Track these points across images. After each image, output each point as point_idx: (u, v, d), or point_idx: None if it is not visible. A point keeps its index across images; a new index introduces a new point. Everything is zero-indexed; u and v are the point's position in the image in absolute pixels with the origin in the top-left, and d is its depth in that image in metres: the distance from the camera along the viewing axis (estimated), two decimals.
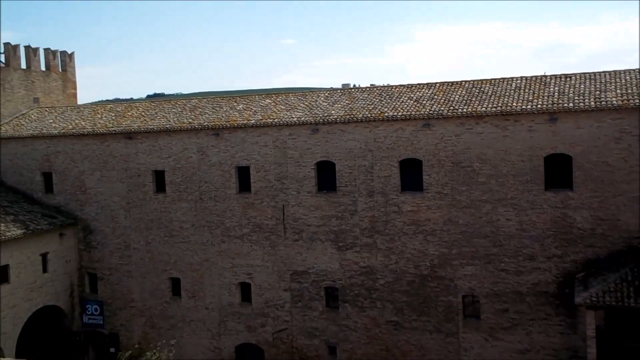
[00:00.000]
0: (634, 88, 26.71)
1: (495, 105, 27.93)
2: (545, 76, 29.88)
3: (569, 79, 28.99)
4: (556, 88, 28.32)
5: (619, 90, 26.80)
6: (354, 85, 54.59)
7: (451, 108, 28.63)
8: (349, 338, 31.11)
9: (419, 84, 32.21)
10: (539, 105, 27.07)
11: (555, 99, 27.30)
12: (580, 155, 26.42)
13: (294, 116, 31.56)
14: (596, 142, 26.14)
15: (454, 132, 28.36)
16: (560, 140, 26.71)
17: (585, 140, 26.30)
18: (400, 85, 32.77)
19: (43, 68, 42.41)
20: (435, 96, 30.26)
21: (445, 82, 31.61)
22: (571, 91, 27.71)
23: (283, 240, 31.87)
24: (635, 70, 28.52)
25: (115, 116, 37.00)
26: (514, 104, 27.61)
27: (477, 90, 29.85)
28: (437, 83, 31.80)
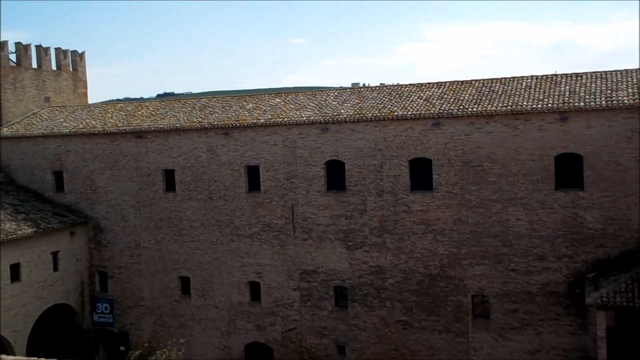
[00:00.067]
0: None
1: (505, 104, 27.82)
2: (556, 75, 29.72)
3: (580, 78, 28.82)
4: (567, 87, 28.18)
5: (630, 90, 26.62)
6: (364, 84, 54.55)
7: (461, 107, 28.55)
8: (358, 337, 31.09)
9: (429, 83, 32.13)
10: (550, 105, 26.94)
11: (566, 98, 27.16)
12: (591, 154, 26.28)
13: (303, 115, 31.57)
14: (607, 142, 25.99)
15: (464, 132, 28.28)
16: (571, 139, 26.58)
17: (596, 140, 26.15)
18: (410, 85, 32.68)
19: (54, 67, 42.60)
20: (445, 95, 30.18)
21: (455, 81, 31.51)
22: (582, 90, 27.55)
23: (292, 240, 31.89)
24: None
25: (126, 115, 37.16)
26: (525, 103, 27.48)
27: (487, 90, 29.74)
28: (447, 82, 31.71)
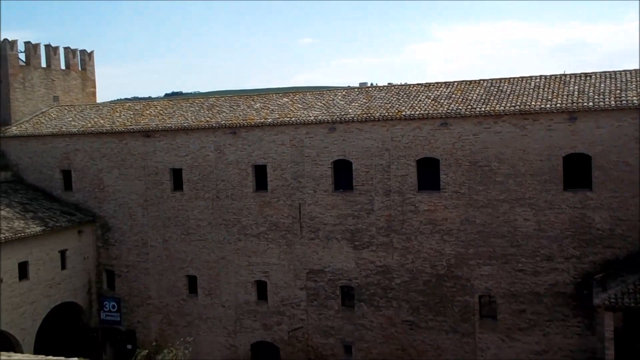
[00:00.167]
0: None
1: (513, 104, 27.73)
2: (565, 75, 29.60)
3: (588, 78, 28.70)
4: (576, 87, 28.06)
5: (639, 90, 26.49)
6: (372, 84, 54.48)
7: (469, 107, 28.47)
8: (365, 337, 31.06)
9: (437, 83, 32.07)
10: (558, 105, 26.83)
11: (575, 98, 27.05)
12: (600, 154, 26.16)
13: (311, 115, 31.57)
14: (616, 142, 25.86)
15: (472, 131, 28.20)
16: (579, 139, 26.46)
17: (605, 140, 26.03)
18: (418, 84, 32.62)
19: (63, 67, 42.78)
20: (453, 95, 30.11)
21: (464, 81, 31.44)
22: (591, 90, 27.43)
23: (299, 239, 31.89)
24: None
25: (134, 114, 37.26)
26: (533, 103, 27.39)
27: (496, 89, 29.65)
28: (455, 82, 31.64)
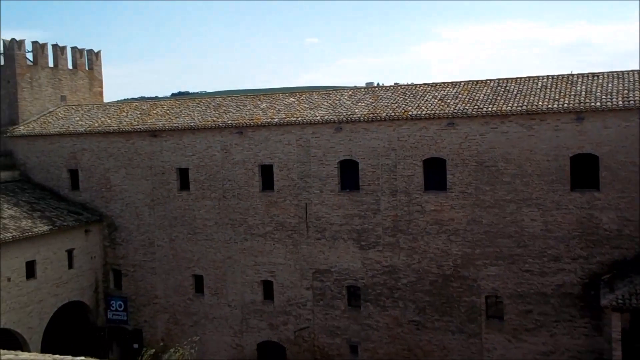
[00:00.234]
0: None
1: (520, 104, 27.65)
2: (572, 75, 29.49)
3: (596, 78, 28.58)
4: (583, 87, 27.96)
5: None
6: (378, 84, 54.49)
7: (476, 107, 28.41)
8: (371, 337, 31.04)
9: (444, 83, 32.01)
10: (566, 105, 26.74)
11: (582, 98, 26.95)
12: (607, 155, 26.06)
13: (317, 115, 31.57)
14: (623, 142, 25.76)
15: (479, 131, 28.15)
16: (586, 139, 26.37)
17: (612, 140, 25.93)
18: (425, 84, 32.57)
19: (70, 66, 42.92)
20: (460, 95, 30.05)
21: (470, 81, 31.37)
22: (598, 90, 27.33)
23: (305, 239, 31.90)
24: None
25: (141, 114, 37.35)
26: (540, 103, 27.30)
27: (502, 89, 29.57)
28: (462, 82, 31.57)
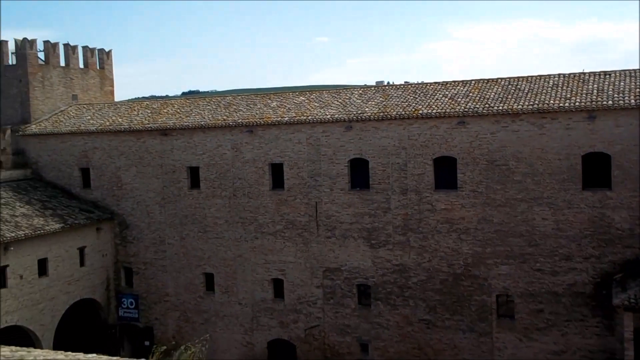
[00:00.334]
0: None
1: (532, 102, 27.55)
2: (584, 73, 29.31)
3: (608, 76, 28.42)
4: (595, 85, 27.81)
5: None
6: (388, 82, 54.43)
7: (486, 106, 28.33)
8: (381, 336, 31.05)
9: (454, 82, 31.92)
10: (577, 103, 26.61)
11: (594, 97, 26.81)
12: (619, 153, 25.91)
13: (327, 113, 31.58)
14: (636, 141, 25.58)
15: (489, 130, 28.07)
16: (598, 138, 26.23)
17: (624, 139, 25.77)
18: (435, 83, 32.49)
19: (81, 66, 43.14)
20: (471, 94, 29.96)
21: (481, 80, 31.27)
22: (610, 88, 27.17)
23: (316, 237, 31.94)
24: None
25: (151, 113, 37.49)
26: (552, 102, 27.18)
27: (514, 88, 29.46)
28: (473, 80, 31.47)
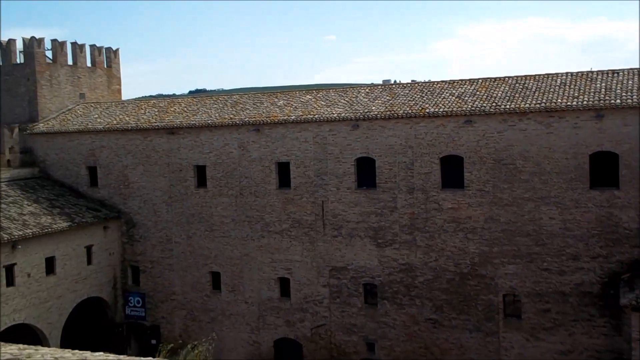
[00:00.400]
0: None
1: (539, 101, 27.43)
2: (592, 72, 29.17)
3: (616, 75, 28.26)
4: (603, 84, 27.66)
5: None
6: (395, 81, 54.35)
7: (494, 104, 28.23)
8: (388, 335, 31.01)
9: (461, 80, 31.82)
10: (585, 102, 26.48)
11: (602, 95, 26.67)
12: (627, 153, 25.77)
13: (334, 112, 31.55)
14: None
15: (496, 129, 27.97)
16: (606, 137, 26.10)
17: (632, 138, 25.62)
18: (442, 81, 32.41)
19: (89, 64, 43.26)
20: (478, 92, 29.87)
21: (488, 78, 31.16)
22: (618, 87, 27.02)
23: (322, 236, 31.92)
24: None
25: (158, 112, 37.55)
26: (559, 101, 27.06)
27: (521, 87, 29.35)
28: (480, 79, 31.36)
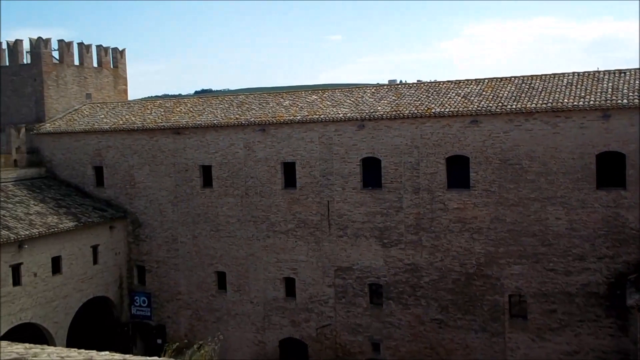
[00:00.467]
0: None
1: (545, 101, 27.37)
2: (599, 72, 29.08)
3: (623, 75, 28.17)
4: (609, 84, 27.57)
5: None
6: (401, 81, 54.29)
7: (500, 104, 28.17)
8: (393, 335, 30.97)
9: (467, 80, 31.77)
10: (592, 102, 26.39)
11: (609, 95, 26.58)
12: (634, 153, 25.66)
13: (340, 112, 31.54)
14: None
15: (503, 129, 27.91)
16: (613, 137, 26.01)
17: (639, 138, 25.52)
18: (448, 81, 32.37)
19: (95, 65, 43.38)
20: (484, 92, 29.81)
21: (494, 78, 31.10)
22: (625, 87, 26.93)
23: (327, 236, 31.91)
24: None
25: (164, 112, 37.62)
26: (566, 100, 26.99)
27: (527, 86, 29.28)
28: (486, 79, 31.31)
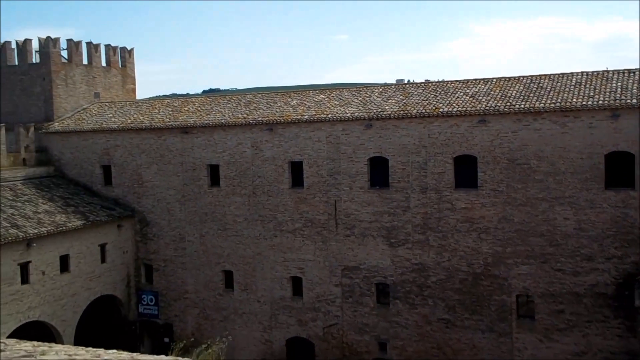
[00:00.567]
0: None
1: (554, 101, 27.27)
2: (607, 71, 28.96)
3: (632, 74, 28.02)
4: (619, 83, 27.44)
5: None
6: (408, 80, 54.21)
7: (508, 104, 28.09)
8: (400, 335, 30.94)
9: (475, 80, 31.69)
10: (600, 101, 26.29)
11: (618, 95, 26.47)
12: None
13: (347, 112, 31.53)
14: None
15: (511, 129, 27.83)
16: (622, 137, 25.89)
17: None
18: (456, 81, 32.29)
19: (104, 64, 43.53)
20: (492, 92, 29.73)
21: (502, 78, 31.01)
22: (634, 87, 26.80)
23: (335, 236, 31.90)
24: None
25: (172, 111, 37.71)
26: (574, 100, 26.88)
27: (535, 86, 29.18)
28: (494, 78, 31.22)
